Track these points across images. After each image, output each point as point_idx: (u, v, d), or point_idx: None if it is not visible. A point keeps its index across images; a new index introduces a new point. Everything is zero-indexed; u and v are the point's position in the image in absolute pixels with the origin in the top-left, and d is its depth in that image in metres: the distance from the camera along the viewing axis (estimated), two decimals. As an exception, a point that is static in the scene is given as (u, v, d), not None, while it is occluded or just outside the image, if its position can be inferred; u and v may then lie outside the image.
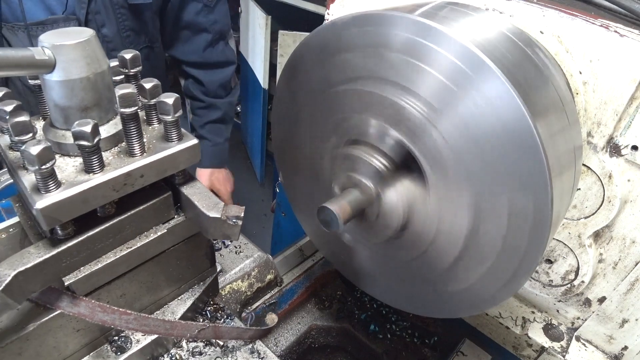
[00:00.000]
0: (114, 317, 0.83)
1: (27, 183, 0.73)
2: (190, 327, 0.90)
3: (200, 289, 1.02)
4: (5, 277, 0.71)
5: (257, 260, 1.31)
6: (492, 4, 0.94)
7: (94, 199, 0.75)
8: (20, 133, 0.71)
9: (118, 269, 0.84)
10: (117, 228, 0.82)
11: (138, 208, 0.83)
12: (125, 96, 0.73)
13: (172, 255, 0.93)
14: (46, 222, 0.71)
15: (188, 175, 0.88)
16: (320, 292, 1.49)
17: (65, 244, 0.77)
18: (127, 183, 0.78)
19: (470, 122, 0.71)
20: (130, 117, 0.75)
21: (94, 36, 0.75)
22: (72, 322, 0.85)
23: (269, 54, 3.56)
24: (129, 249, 0.84)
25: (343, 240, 1.07)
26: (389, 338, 1.41)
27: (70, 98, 0.76)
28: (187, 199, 0.85)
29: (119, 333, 0.93)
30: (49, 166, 0.68)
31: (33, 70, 0.72)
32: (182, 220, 0.90)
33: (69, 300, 0.80)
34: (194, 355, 0.97)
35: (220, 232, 0.83)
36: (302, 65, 0.94)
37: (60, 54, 0.72)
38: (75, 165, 0.77)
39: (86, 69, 0.74)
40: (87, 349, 0.90)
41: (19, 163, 0.77)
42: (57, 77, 0.73)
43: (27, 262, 0.74)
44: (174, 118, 0.80)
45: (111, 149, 0.81)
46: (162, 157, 0.80)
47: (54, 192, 0.71)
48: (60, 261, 0.77)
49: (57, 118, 0.78)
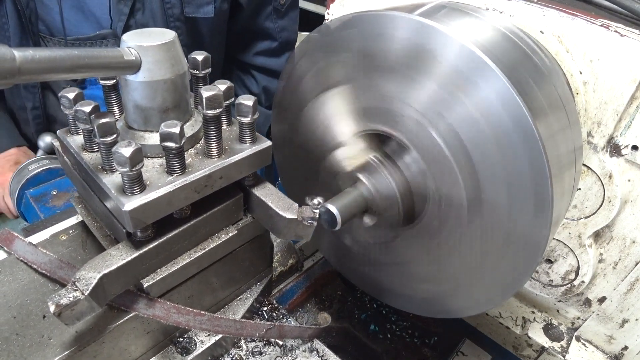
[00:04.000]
0: (189, 318, 0.83)
1: (111, 185, 0.72)
2: (258, 327, 0.90)
3: (258, 289, 1.02)
4: (92, 280, 0.70)
5: (279, 245, 1.32)
6: (492, 3, 0.93)
7: (178, 200, 0.75)
8: (105, 134, 0.71)
9: (190, 270, 0.84)
10: (192, 230, 0.82)
11: (213, 210, 0.83)
12: (212, 98, 0.73)
13: (237, 256, 0.93)
14: (133, 224, 0.71)
15: (258, 177, 0.88)
16: (320, 292, 1.47)
17: (146, 246, 0.76)
18: (208, 185, 0.78)
19: (471, 122, 0.71)
20: (213, 119, 0.75)
21: (176, 37, 0.75)
22: (144, 324, 0.84)
23: (270, 53, 3.54)
24: (203, 250, 0.84)
25: (343, 241, 1.06)
26: (389, 338, 1.40)
27: (153, 99, 0.75)
28: (260, 201, 0.85)
29: (183, 334, 0.93)
30: (138, 168, 0.68)
31: (119, 71, 0.72)
32: (250, 221, 0.90)
33: (145, 303, 0.80)
34: (254, 355, 0.98)
35: (293, 233, 0.84)
36: (302, 66, 0.93)
37: (146, 55, 0.72)
38: (156, 167, 0.77)
39: (170, 70, 0.74)
40: (154, 351, 0.90)
41: (96, 164, 0.77)
42: (142, 78, 0.73)
43: (111, 264, 0.73)
44: (252, 120, 0.80)
45: (188, 150, 0.81)
46: (239, 158, 0.80)
47: (141, 194, 0.71)
48: (141, 263, 0.77)
49: (135, 119, 0.78)
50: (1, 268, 0.88)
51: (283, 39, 1.82)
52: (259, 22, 1.74)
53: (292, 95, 0.99)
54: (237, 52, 1.87)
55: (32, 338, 0.77)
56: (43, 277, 0.86)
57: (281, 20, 1.78)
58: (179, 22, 1.51)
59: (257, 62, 1.87)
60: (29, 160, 1.76)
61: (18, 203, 1.77)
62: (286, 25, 1.81)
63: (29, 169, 1.76)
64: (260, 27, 1.76)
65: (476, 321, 1.29)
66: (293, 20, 1.84)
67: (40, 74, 0.59)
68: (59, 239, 0.93)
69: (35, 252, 0.87)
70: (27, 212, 1.72)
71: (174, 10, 1.50)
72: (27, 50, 0.57)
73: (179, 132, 0.70)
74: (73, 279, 0.69)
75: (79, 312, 0.68)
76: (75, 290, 0.68)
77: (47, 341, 0.76)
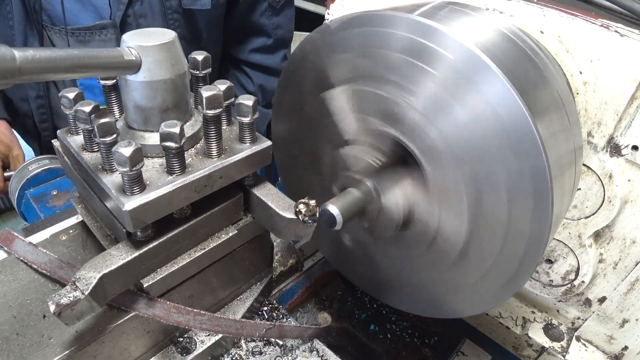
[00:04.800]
0: (189, 317, 0.83)
1: (111, 185, 0.73)
2: (258, 326, 0.90)
3: (258, 289, 1.02)
4: (92, 280, 0.70)
5: (279, 246, 1.32)
6: (492, 3, 0.93)
7: (178, 200, 0.75)
8: (105, 134, 0.71)
9: (190, 270, 0.84)
10: (192, 229, 0.82)
11: (213, 210, 0.83)
12: (212, 98, 0.73)
13: (237, 255, 0.93)
14: (133, 224, 0.71)
15: (258, 177, 0.88)
16: (320, 292, 1.47)
17: (146, 245, 0.76)
18: (208, 185, 0.78)
19: (470, 122, 0.71)
20: (213, 119, 0.76)
21: (176, 38, 0.75)
22: (144, 323, 0.84)
23: (270, 53, 3.55)
24: (203, 250, 0.84)
25: (343, 241, 1.06)
26: (389, 338, 1.40)
27: (153, 99, 0.75)
28: (260, 200, 0.85)
29: (183, 334, 0.93)
30: (139, 167, 0.68)
31: (120, 71, 0.72)
32: (250, 220, 0.90)
33: (145, 302, 0.80)
34: (254, 354, 0.98)
35: (293, 233, 0.84)
36: (302, 65, 0.93)
37: (147, 55, 0.72)
38: (156, 167, 0.77)
39: (170, 70, 0.74)
40: (154, 351, 0.90)
41: (96, 164, 0.77)
42: (142, 78, 0.73)
43: (111, 264, 0.73)
44: (252, 120, 0.80)
45: (188, 150, 0.81)
46: (239, 158, 0.80)
47: (141, 194, 0.71)
48: (141, 263, 0.77)
49: (135, 119, 0.78)
50: (1, 268, 0.88)
51: (278, 36, 1.84)
52: (254, 18, 1.77)
53: (292, 94, 0.99)
54: (232, 49, 1.89)
55: (32, 338, 0.77)
56: (43, 277, 0.86)
57: (276, 17, 1.80)
58: (177, 14, 1.54)
59: (252, 60, 1.88)
60: (30, 160, 1.76)
61: (18, 203, 1.77)
62: (281, 22, 1.83)
63: (29, 169, 1.77)
64: (256, 23, 1.79)
65: (476, 321, 1.29)
66: (288, 18, 1.87)
67: (41, 73, 0.60)
68: (59, 238, 0.94)
69: (35, 252, 0.87)
70: (27, 212, 1.72)
71: (172, 2, 1.53)
72: (27, 50, 0.57)
73: (179, 132, 0.70)
74: (73, 279, 0.69)
75: (79, 312, 0.69)
76: (75, 290, 0.68)
77: (47, 341, 0.76)
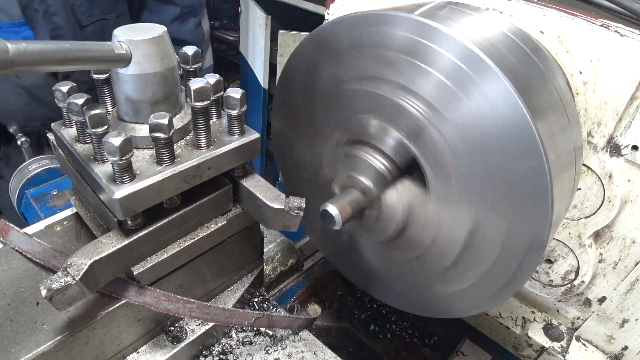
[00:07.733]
0: (178, 305, 0.85)
1: (102, 174, 0.75)
2: (247, 315, 0.92)
3: (248, 280, 1.04)
4: (83, 266, 0.72)
5: (280, 245, 1.34)
6: (492, 3, 0.94)
7: (167, 190, 0.77)
8: (96, 125, 0.73)
9: (180, 259, 0.87)
10: (182, 219, 0.84)
11: (202, 200, 0.85)
12: (200, 90, 0.76)
13: (227, 246, 0.95)
14: (122, 212, 0.73)
15: (247, 168, 0.90)
16: (320, 292, 1.49)
17: (136, 234, 0.79)
18: (196, 175, 0.80)
19: (471, 122, 0.71)
20: (201, 111, 0.78)
21: (166, 32, 0.78)
22: (134, 311, 0.86)
23: (269, 54, 3.58)
24: (192, 239, 0.86)
25: (343, 239, 1.06)
26: (389, 338, 1.41)
27: (143, 92, 0.78)
28: (248, 191, 0.87)
29: (174, 323, 0.95)
30: (128, 157, 0.70)
31: (110, 64, 0.74)
32: (239, 211, 0.92)
33: (136, 290, 0.82)
34: (244, 344, 1.00)
35: (280, 223, 0.86)
36: (302, 65, 0.94)
37: (137, 49, 0.74)
38: (146, 158, 0.79)
39: (160, 63, 0.77)
40: (145, 339, 0.92)
41: (88, 155, 0.79)
42: (132, 71, 0.75)
43: (102, 251, 0.75)
44: (240, 112, 0.82)
45: (178, 141, 0.83)
46: (227, 150, 0.83)
47: (131, 183, 0.73)
48: (131, 251, 0.79)
49: (126, 111, 0.80)
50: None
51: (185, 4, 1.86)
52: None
53: (292, 94, 1.00)
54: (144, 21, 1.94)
55: (26, 324, 0.79)
56: (37, 266, 0.89)
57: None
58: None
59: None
60: (30, 160, 1.79)
61: (18, 203, 1.79)
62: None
63: (29, 169, 1.79)
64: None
65: (476, 321, 1.30)
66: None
67: (33, 65, 0.62)
68: (53, 229, 0.96)
69: (30, 242, 0.90)
70: (27, 212, 1.74)
71: None
72: (20, 43, 0.60)
73: (168, 123, 0.72)
74: (65, 265, 0.72)
75: (70, 297, 0.71)
76: (66, 276, 0.70)
77: (40, 327, 0.78)
